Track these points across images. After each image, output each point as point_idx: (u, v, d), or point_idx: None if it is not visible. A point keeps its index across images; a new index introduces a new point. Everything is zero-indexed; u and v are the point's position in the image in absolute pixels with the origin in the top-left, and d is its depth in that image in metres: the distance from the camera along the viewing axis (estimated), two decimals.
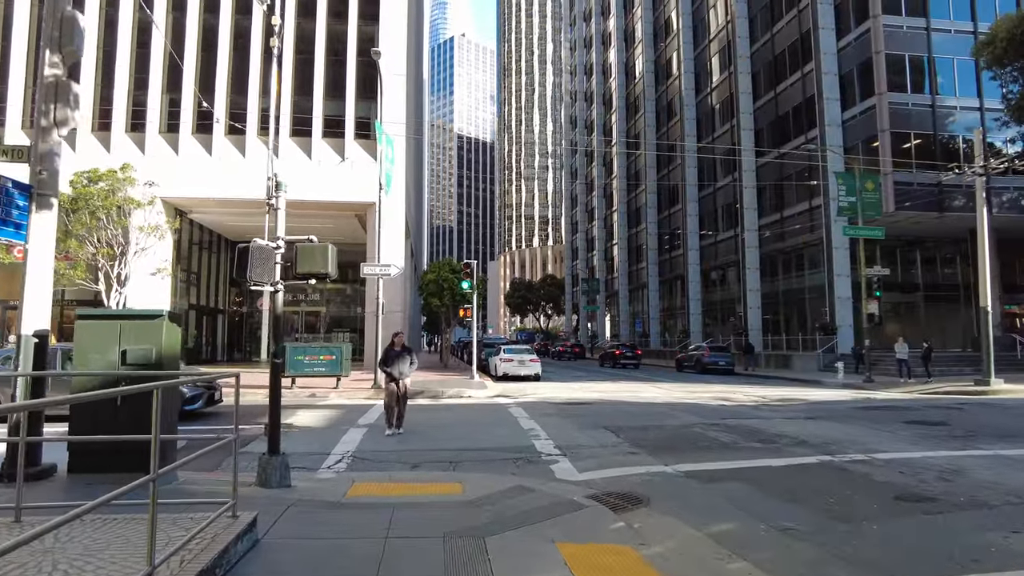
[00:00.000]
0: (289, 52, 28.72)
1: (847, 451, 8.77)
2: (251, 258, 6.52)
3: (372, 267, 17.50)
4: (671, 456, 8.59)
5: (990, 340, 20.36)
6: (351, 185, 27.61)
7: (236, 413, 4.90)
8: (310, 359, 17.94)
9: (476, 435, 10.42)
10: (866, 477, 7.25)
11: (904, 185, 28.65)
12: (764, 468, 7.81)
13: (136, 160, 25.80)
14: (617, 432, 10.56)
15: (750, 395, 18.09)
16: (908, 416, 12.93)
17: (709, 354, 31.35)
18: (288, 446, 9.65)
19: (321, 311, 39.84)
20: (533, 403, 15.72)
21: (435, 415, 13.13)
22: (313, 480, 7.43)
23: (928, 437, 10.02)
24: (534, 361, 25.10)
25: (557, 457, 8.58)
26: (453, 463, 8.33)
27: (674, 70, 50.59)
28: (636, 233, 57.74)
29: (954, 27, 30.49)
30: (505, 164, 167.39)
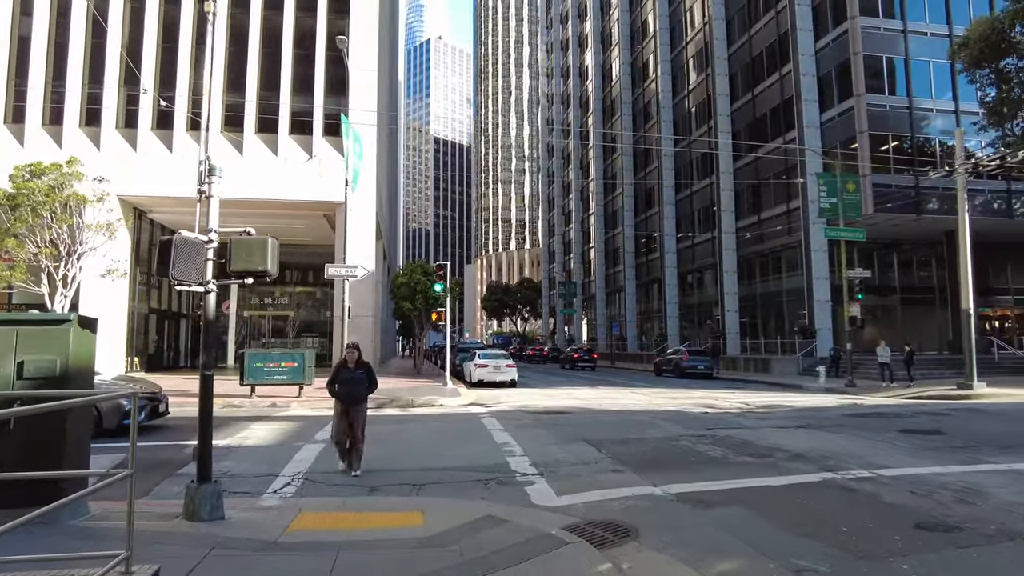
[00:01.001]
0: (255, 46, 27.55)
1: (849, 466, 8.05)
2: (175, 253, 5.55)
3: (337, 268, 16.47)
4: (658, 474, 7.78)
5: (972, 343, 20.04)
6: (319, 184, 26.52)
7: (132, 441, 3.93)
8: (270, 367, 16.83)
9: (445, 451, 9.51)
10: (876, 499, 6.52)
11: (883, 187, 28.46)
12: (763, 489, 7.04)
13: (91, 156, 24.42)
14: (598, 446, 9.73)
15: (733, 401, 17.44)
16: (900, 424, 12.34)
17: (688, 358, 30.80)
18: (233, 466, 8.67)
19: (289, 315, 38.48)
20: (508, 412, 14.84)
21: (402, 428, 12.17)
22: (253, 509, 6.46)
23: (928, 448, 9.38)
24: (510, 367, 24.25)
25: (533, 477, 7.71)
26: (416, 486, 7.42)
27: (651, 72, 50.29)
28: (613, 236, 57.29)
29: (930, 30, 30.46)
30: (482, 167, 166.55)
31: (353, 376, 7.82)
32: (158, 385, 12.19)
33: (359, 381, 7.83)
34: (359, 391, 7.85)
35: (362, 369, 7.92)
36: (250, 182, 26.23)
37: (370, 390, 8.02)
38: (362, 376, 7.88)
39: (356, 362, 7.93)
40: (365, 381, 7.91)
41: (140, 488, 7.41)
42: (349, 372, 7.84)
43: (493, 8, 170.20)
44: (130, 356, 28.53)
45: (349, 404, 7.77)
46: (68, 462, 5.40)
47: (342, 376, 7.84)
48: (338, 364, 8.05)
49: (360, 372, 7.87)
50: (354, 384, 7.81)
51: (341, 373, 7.86)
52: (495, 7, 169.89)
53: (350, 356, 7.97)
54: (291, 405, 15.97)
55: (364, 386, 7.90)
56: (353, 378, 7.81)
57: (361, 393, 7.86)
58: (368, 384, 7.96)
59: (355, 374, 7.82)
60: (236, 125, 27.07)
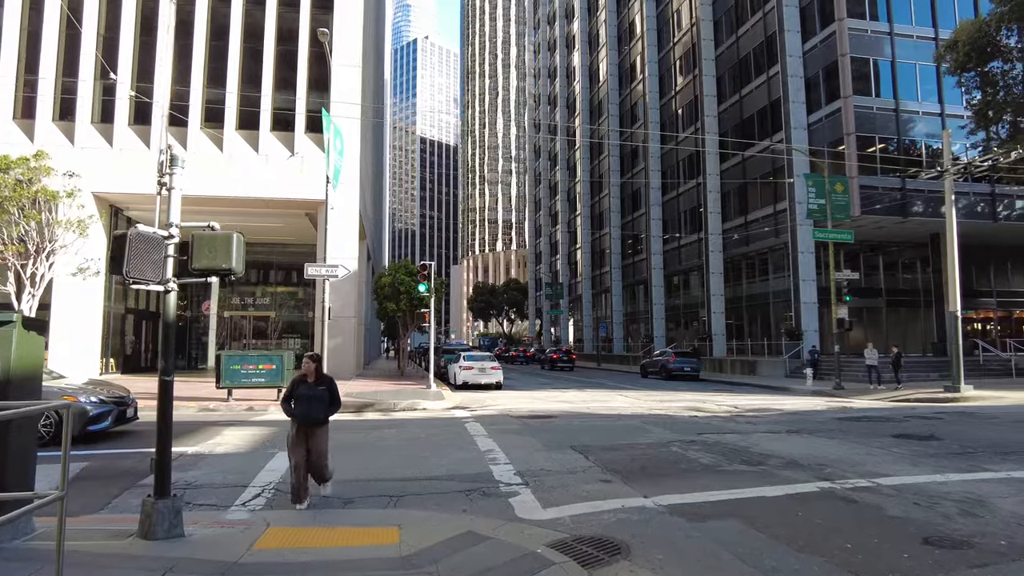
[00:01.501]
0: (236, 40, 26.90)
1: (846, 475, 7.75)
2: (129, 248, 5.10)
3: (317, 267, 15.97)
4: (649, 484, 7.43)
5: (959, 346, 19.97)
6: (301, 182, 25.94)
7: (64, 460, 3.49)
8: (247, 369, 16.28)
9: (426, 459, 9.09)
10: (879, 511, 6.21)
11: (869, 189, 28.46)
12: (759, 500, 6.70)
13: (64, 151, 23.73)
14: (586, 453, 9.37)
15: (722, 404, 17.18)
16: (893, 428, 12.10)
17: (675, 360, 30.60)
18: (200, 476, 8.19)
19: (271, 316, 37.75)
20: (493, 416, 14.44)
21: (381, 434, 11.72)
22: (217, 524, 6.01)
23: (925, 455, 9.11)
24: (496, 369, 23.85)
25: (518, 488, 7.32)
26: (394, 498, 7.00)
27: (638, 73, 50.17)
28: (600, 237, 57.11)
29: (916, 32, 30.54)
30: (468, 168, 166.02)
31: (313, 393, 6.61)
32: (126, 388, 11.65)
33: (319, 399, 6.61)
34: (319, 411, 6.63)
35: (323, 384, 6.69)
36: (231, 180, 25.63)
37: (331, 410, 6.79)
38: (323, 393, 6.66)
39: (316, 376, 6.69)
40: (326, 399, 6.68)
41: (96, 501, 6.96)
42: (308, 388, 6.63)
43: (480, 8, 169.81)
44: (105, 358, 27.75)
45: (307, 426, 6.57)
46: (9, 478, 4.92)
47: (299, 392, 6.64)
48: (295, 378, 6.78)
49: (321, 388, 6.65)
50: (313, 402, 6.59)
51: (298, 388, 6.65)
52: (482, 7, 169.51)
53: (309, 369, 6.69)
54: (269, 409, 15.44)
55: (325, 405, 6.67)
56: (313, 395, 6.60)
57: (321, 413, 6.65)
58: (330, 402, 6.73)
59: (315, 390, 6.63)
60: (216, 121, 26.42)
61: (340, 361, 25.93)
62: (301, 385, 6.68)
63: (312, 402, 6.59)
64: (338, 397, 6.84)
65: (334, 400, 6.77)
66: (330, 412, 6.78)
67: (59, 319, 24.67)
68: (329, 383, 6.76)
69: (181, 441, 10.68)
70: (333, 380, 6.87)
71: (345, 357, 26.63)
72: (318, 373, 6.73)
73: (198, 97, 26.22)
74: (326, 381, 6.75)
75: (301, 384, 6.69)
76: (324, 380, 6.75)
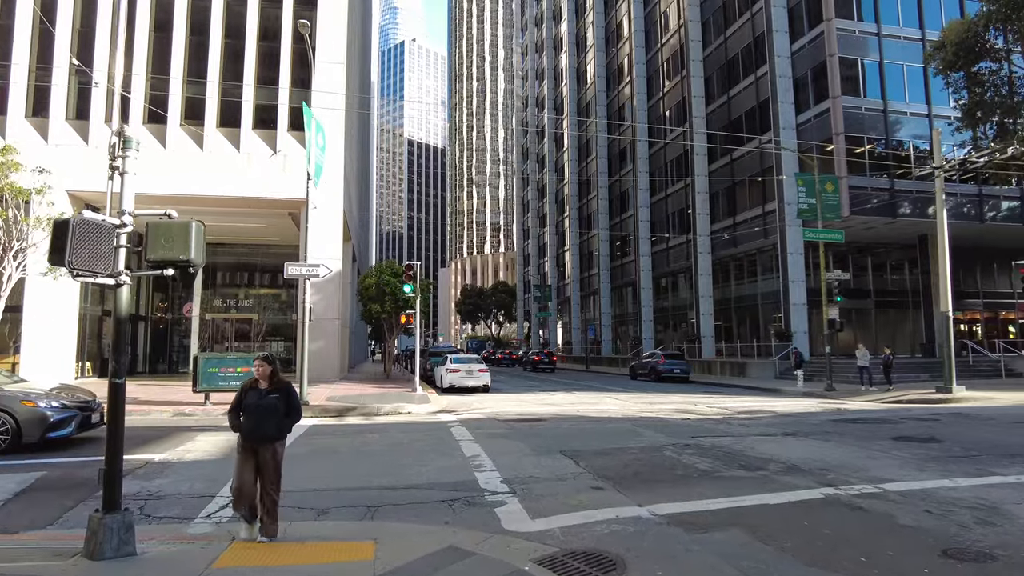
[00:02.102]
0: (217, 35, 26.29)
1: (850, 480, 7.37)
2: (73, 237, 4.60)
3: (297, 267, 15.42)
4: (644, 491, 7.00)
5: (951, 346, 19.77)
6: (284, 180, 25.37)
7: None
8: (226, 372, 15.70)
9: (408, 466, 8.61)
10: (890, 519, 5.82)
11: (858, 189, 28.34)
12: (761, 508, 6.30)
13: (38, 148, 23.01)
14: (576, 458, 8.92)
15: (713, 407, 16.83)
16: (891, 431, 11.78)
17: (664, 361, 30.27)
18: (165, 485, 7.66)
19: (254, 318, 37.02)
20: (479, 420, 13.97)
21: (362, 439, 11.22)
22: (176, 540, 5.50)
23: (929, 459, 8.77)
24: (483, 372, 23.38)
25: (504, 497, 6.86)
26: (372, 508, 6.52)
27: (626, 75, 49.98)
28: (588, 239, 56.83)
29: (903, 33, 30.52)
30: (456, 170, 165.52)
31: (264, 402, 5.39)
32: (92, 393, 11.05)
33: (271, 410, 5.40)
34: (270, 425, 5.38)
35: (277, 392, 5.48)
36: (211, 178, 25.00)
37: (288, 423, 5.57)
38: (276, 402, 5.43)
39: (269, 382, 5.49)
40: (280, 410, 5.45)
41: (47, 515, 6.42)
42: (258, 396, 5.43)
43: (468, 11, 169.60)
44: (81, 361, 26.96)
45: (256, 442, 5.36)
46: None
47: (249, 401, 5.43)
48: (244, 384, 5.65)
49: (274, 397, 5.44)
50: (265, 414, 5.37)
51: (248, 397, 5.46)
52: (470, 10, 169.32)
53: (261, 372, 5.51)
54: None
55: (278, 417, 5.43)
56: (263, 405, 5.38)
57: (272, 428, 5.40)
58: (286, 413, 5.51)
59: (267, 399, 5.41)
60: (197, 118, 25.78)
61: (323, 364, 25.35)
62: (250, 392, 5.49)
63: (262, 413, 5.37)
64: (297, 407, 5.65)
65: (291, 411, 5.56)
66: (286, 426, 5.57)
67: (31, 322, 23.89)
68: (285, 390, 5.56)
69: (149, 447, 10.13)
70: (291, 387, 5.68)
71: (328, 360, 26.04)
72: (272, 378, 5.53)
73: (178, 93, 25.58)
74: (282, 388, 5.54)
75: (251, 391, 5.50)
76: (279, 387, 5.53)
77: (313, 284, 23.39)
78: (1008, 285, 35.07)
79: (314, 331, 24.54)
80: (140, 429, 12.05)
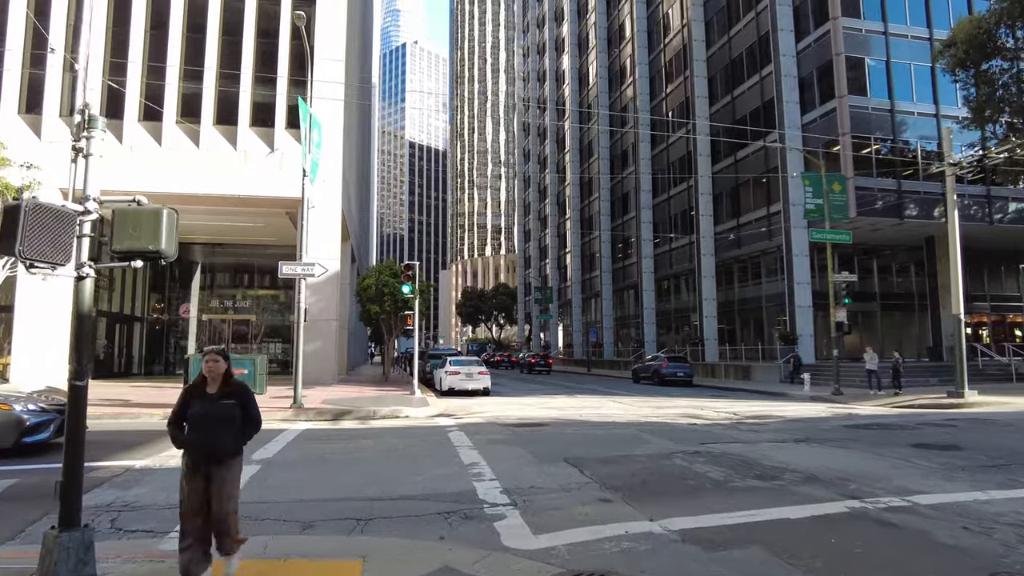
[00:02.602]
0: (215, 32, 25.89)
1: (874, 492, 6.89)
2: (24, 223, 4.13)
3: (292, 265, 14.96)
4: (654, 503, 6.53)
5: (963, 350, 19.30)
6: (281, 179, 24.91)
7: None
8: None
9: (402, 474, 8.13)
10: (926, 537, 5.34)
11: (865, 190, 27.87)
12: (782, 523, 5.82)
13: (31, 145, 22.56)
14: (581, 466, 8.44)
15: (720, 411, 16.34)
16: (908, 437, 11.30)
17: (668, 365, 29.76)
18: (142, 495, 7.17)
19: (252, 319, 36.56)
20: (479, 425, 13.49)
21: (355, 445, 10.74)
22: (145, 557, 5.03)
23: (955, 467, 8.29)
24: (483, 374, 22.89)
25: (505, 509, 6.39)
26: (362, 521, 6.05)
27: (628, 76, 49.58)
28: (589, 241, 56.38)
29: (911, 32, 30.09)
30: (457, 172, 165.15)
31: (214, 409, 4.30)
32: None
33: (225, 419, 4.31)
34: (224, 438, 4.28)
35: (232, 397, 4.40)
36: (207, 176, 24.57)
37: (247, 434, 4.47)
38: (230, 410, 4.34)
39: (223, 383, 4.41)
40: (235, 418, 4.36)
41: (9, 528, 5.93)
42: (207, 403, 4.32)
43: (469, 13, 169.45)
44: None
45: (207, 460, 4.25)
46: None
47: (195, 410, 4.31)
48: (188, 387, 4.51)
49: (228, 403, 4.35)
50: (215, 424, 4.26)
51: (193, 404, 4.34)
52: (471, 12, 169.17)
53: (212, 371, 4.38)
54: None
55: (234, 428, 4.35)
56: (213, 412, 4.29)
57: (228, 442, 4.29)
58: (244, 422, 4.42)
59: (218, 406, 4.32)
60: (193, 115, 25.37)
61: (320, 366, 24.89)
62: (197, 398, 4.35)
63: (213, 424, 4.26)
64: (256, 415, 4.53)
65: (249, 419, 4.46)
66: (243, 439, 4.45)
67: (23, 322, 23.47)
68: (242, 395, 4.47)
69: (132, 453, 9.68)
70: (248, 389, 4.62)
71: (325, 362, 25.59)
72: (226, 379, 4.42)
73: (174, 89, 25.18)
74: (238, 392, 4.46)
75: (197, 396, 4.36)
76: (234, 390, 4.45)
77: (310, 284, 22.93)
78: (1016, 288, 34.52)
79: (311, 332, 24.10)
80: (126, 433, 11.60)
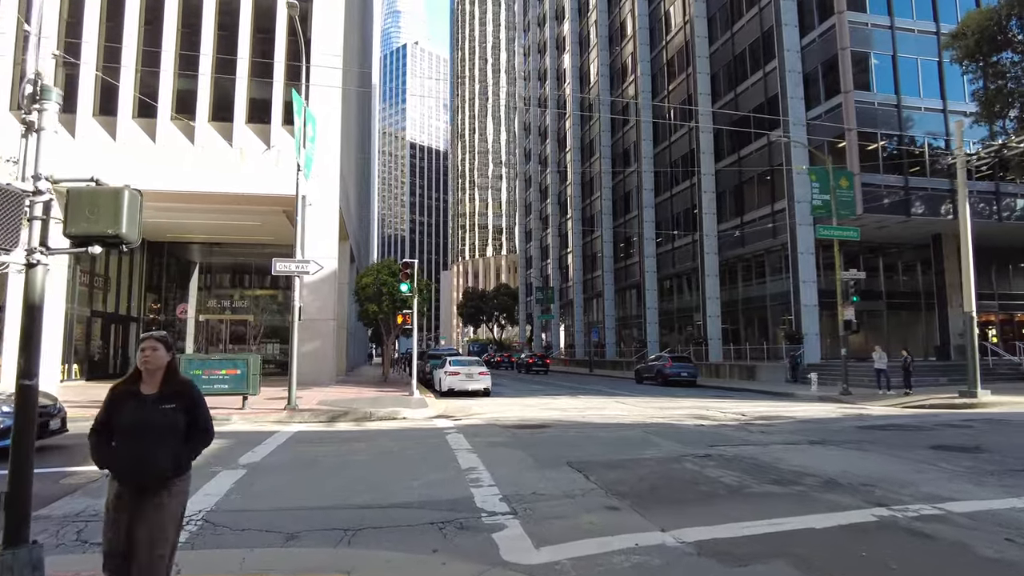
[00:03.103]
0: (210, 27, 25.46)
1: (902, 499, 6.41)
2: None
3: (286, 263, 14.52)
4: (666, 512, 6.05)
5: (975, 348, 18.83)
6: (278, 176, 24.43)
7: None
8: (210, 374, 14.76)
9: (396, 479, 7.66)
10: (966, 550, 4.86)
11: (872, 187, 27.38)
12: (807, 533, 5.34)
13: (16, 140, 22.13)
14: (585, 471, 7.97)
15: (727, 412, 15.86)
16: (927, 439, 10.81)
17: (671, 365, 29.26)
18: None
19: (249, 320, 36.10)
20: (478, 427, 13.02)
21: (349, 448, 10.27)
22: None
23: (982, 471, 7.81)
24: (483, 374, 22.42)
25: (504, 518, 5.91)
26: (350, 531, 5.58)
27: (630, 73, 49.12)
28: (591, 241, 55.91)
29: (917, 26, 29.60)
30: (458, 173, 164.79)
31: (149, 416, 3.21)
32: (54, 396, 10.15)
33: (165, 428, 3.23)
34: (162, 452, 3.20)
35: (173, 400, 3.29)
36: (203, 174, 24.14)
37: (193, 449, 3.37)
38: (170, 417, 3.26)
39: (163, 381, 3.34)
40: (177, 429, 3.28)
41: None
42: (140, 406, 3.24)
43: (470, 14, 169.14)
44: (68, 364, 26.08)
45: (135, 486, 3.18)
46: None
47: (125, 418, 3.22)
48: (117, 384, 3.42)
49: (168, 407, 3.26)
50: (149, 437, 3.19)
51: (123, 410, 3.24)
52: (472, 13, 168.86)
53: (151, 362, 3.30)
54: (232, 418, 13.95)
55: (176, 439, 3.27)
56: (148, 421, 3.21)
57: (165, 457, 3.21)
58: (190, 432, 3.34)
59: (156, 411, 3.23)
60: (188, 112, 24.92)
61: (317, 366, 24.45)
62: (128, 400, 3.24)
63: (148, 434, 3.16)
64: (206, 424, 3.40)
65: (197, 429, 3.35)
66: (188, 456, 3.33)
67: (13, 323, 23.00)
68: (188, 396, 3.34)
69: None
70: (196, 389, 3.45)
71: (323, 362, 25.14)
72: (168, 375, 3.33)
73: (168, 85, 24.74)
74: (183, 392, 3.34)
75: (128, 398, 3.25)
76: (178, 390, 3.33)
77: (307, 283, 22.52)
78: (1023, 287, 34.08)
79: (308, 332, 23.70)
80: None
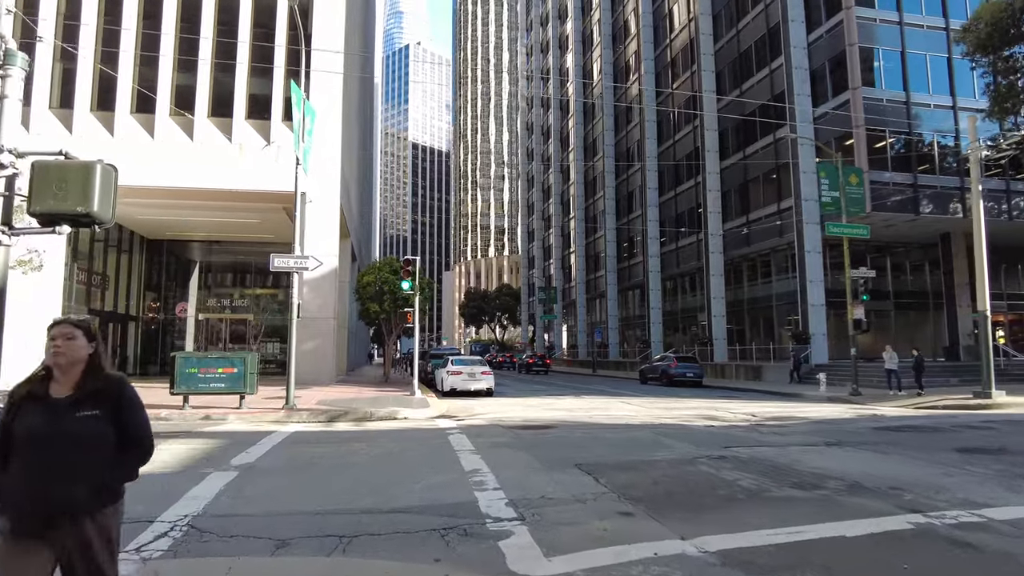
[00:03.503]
0: (210, 21, 25.13)
1: (935, 504, 6.01)
2: None
3: (284, 258, 14.16)
4: (683, 518, 5.66)
5: (989, 348, 18.44)
6: (278, 172, 24.07)
7: None
8: (207, 373, 14.40)
9: (396, 482, 7.27)
10: (1012, 561, 4.46)
11: (880, 185, 26.98)
12: (837, 541, 4.95)
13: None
14: (595, 473, 7.57)
15: (736, 412, 15.46)
16: (948, 440, 10.40)
17: (677, 365, 28.84)
18: None
19: (249, 319, 35.74)
20: (481, 427, 12.64)
21: (348, 449, 9.89)
22: None
23: (1014, 475, 7.40)
24: (486, 374, 22.04)
25: (511, 524, 5.52)
26: (345, 538, 5.19)
27: (633, 72, 48.74)
28: (594, 241, 55.51)
29: (926, 22, 29.20)
30: (460, 173, 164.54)
31: (62, 425, 2.31)
32: None
33: (87, 441, 2.33)
34: (80, 477, 2.30)
35: (96, 405, 2.37)
36: (202, 170, 23.81)
37: (126, 467, 2.45)
38: (92, 426, 2.34)
39: (81, 378, 2.42)
40: (107, 440, 2.37)
41: None
42: (50, 413, 2.33)
43: (473, 14, 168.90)
44: None
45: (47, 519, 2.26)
46: None
47: (28, 425, 2.31)
48: (16, 391, 2.41)
49: (89, 413, 2.34)
50: (67, 450, 2.30)
51: (27, 417, 2.32)
52: (474, 13, 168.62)
53: (63, 353, 2.38)
54: (228, 418, 13.58)
55: (101, 455, 2.35)
56: (62, 432, 2.30)
57: (85, 484, 2.30)
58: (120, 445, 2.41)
59: (71, 418, 2.33)
60: (187, 107, 24.59)
61: (317, 366, 24.08)
62: (30, 406, 2.35)
63: (59, 452, 2.30)
64: (141, 432, 2.48)
65: (130, 439, 2.44)
66: (119, 477, 2.44)
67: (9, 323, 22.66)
68: (116, 397, 2.44)
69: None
70: (128, 387, 2.51)
71: (323, 361, 24.77)
72: (89, 371, 2.45)
73: (167, 80, 24.41)
74: (109, 393, 2.44)
75: (31, 403, 2.36)
76: (99, 388, 2.43)
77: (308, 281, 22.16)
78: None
79: (308, 331, 23.32)
80: None
